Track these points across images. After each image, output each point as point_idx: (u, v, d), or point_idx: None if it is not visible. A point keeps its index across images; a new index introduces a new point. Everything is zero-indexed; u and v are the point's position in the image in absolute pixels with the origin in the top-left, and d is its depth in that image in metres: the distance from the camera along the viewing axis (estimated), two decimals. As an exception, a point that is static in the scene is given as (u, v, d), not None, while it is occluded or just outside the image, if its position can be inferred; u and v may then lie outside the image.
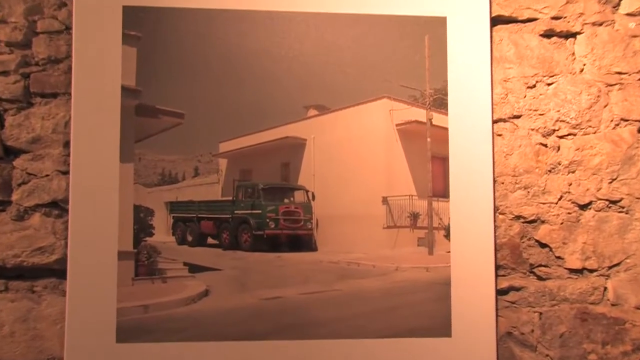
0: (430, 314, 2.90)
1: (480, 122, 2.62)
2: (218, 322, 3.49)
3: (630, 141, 2.49)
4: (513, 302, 2.53)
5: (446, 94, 2.90)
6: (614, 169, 2.50)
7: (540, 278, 2.49)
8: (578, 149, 2.51)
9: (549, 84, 2.53)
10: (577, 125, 2.52)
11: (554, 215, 2.49)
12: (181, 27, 2.66)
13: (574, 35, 2.54)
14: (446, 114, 3.06)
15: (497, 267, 2.60)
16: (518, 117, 2.58)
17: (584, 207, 2.50)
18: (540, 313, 2.46)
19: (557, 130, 2.53)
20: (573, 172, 2.51)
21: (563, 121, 2.52)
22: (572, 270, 2.47)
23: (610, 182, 2.49)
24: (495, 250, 2.59)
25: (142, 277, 8.05)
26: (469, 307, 2.57)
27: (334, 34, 2.90)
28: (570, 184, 2.50)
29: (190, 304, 5.85)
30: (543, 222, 2.51)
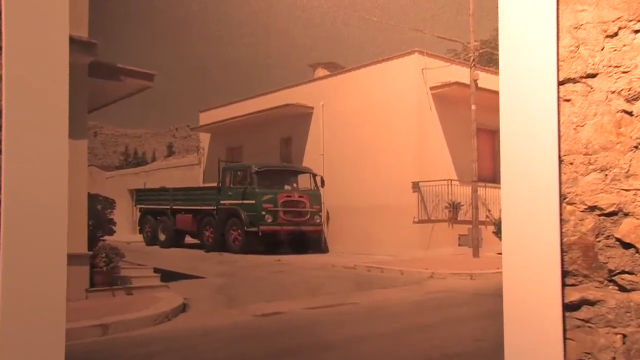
0: (475, 336, 2.87)
1: (542, 83, 2.57)
2: (198, 346, 3.48)
3: None
4: (586, 321, 2.50)
5: (496, 48, 2.85)
6: None
7: (622, 289, 2.47)
8: (672, 119, 2.47)
9: (636, 31, 2.49)
10: (671, 86, 2.48)
11: (640, 205, 2.46)
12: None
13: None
14: (497, 73, 3.03)
15: (565, 274, 2.57)
16: (593, 76, 2.54)
17: (679, 195, 2.47)
18: (624, 335, 2.43)
19: (645, 93, 2.49)
20: (665, 148, 2.48)
21: (652, 81, 2.49)
22: (663, 278, 2.45)
23: None
24: (562, 251, 2.56)
25: (99, 287, 8.08)
26: (527, 327, 2.55)
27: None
28: (662, 165, 2.46)
29: (163, 322, 5.87)
30: (626, 214, 2.48)
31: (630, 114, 2.54)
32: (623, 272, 2.50)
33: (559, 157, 2.50)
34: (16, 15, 2.30)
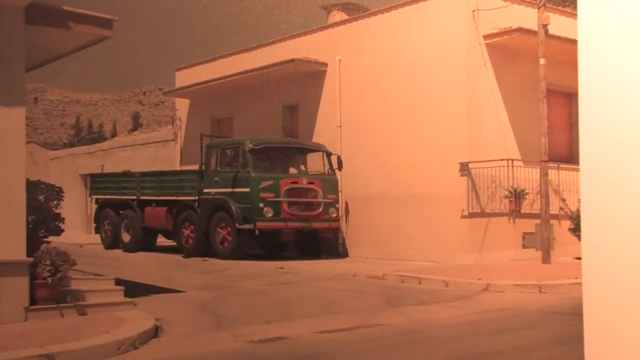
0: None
1: (638, 25, 2.51)
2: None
3: None
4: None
5: (575, -21, 2.82)
6: None
7: None
8: None
9: None
10: None
11: None
12: None
13: None
14: (574, 15, 2.99)
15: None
16: None
17: None
18: None
19: None
20: None
21: None
22: None
23: None
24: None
25: (43, 305, 8.12)
26: (615, 356, 2.53)
27: None
28: None
29: (128, 350, 5.91)
30: None
31: None
32: None
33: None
34: None
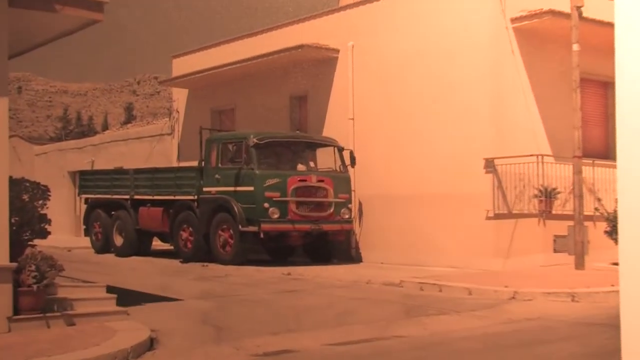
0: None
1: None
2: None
3: None
4: None
5: (611, -43, 2.83)
6: None
7: None
8: None
9: None
10: None
11: None
12: None
13: None
14: (611, -5, 2.99)
15: None
16: None
17: None
18: None
19: None
20: None
21: None
22: None
23: None
24: None
25: (27, 314, 8.17)
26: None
27: None
28: None
29: (121, 365, 5.84)
30: None
31: None
32: None
33: None
34: None
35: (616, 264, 2.61)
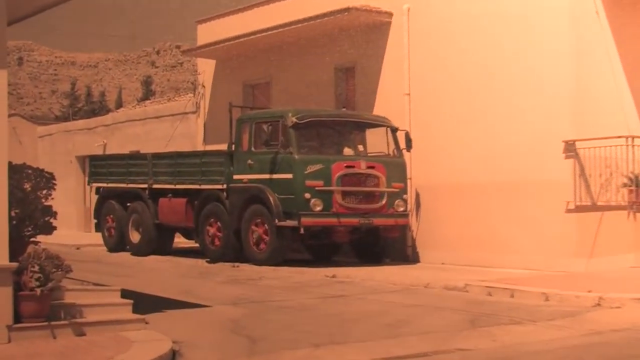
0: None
1: None
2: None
3: None
4: None
5: None
6: None
7: None
8: None
9: None
10: None
11: None
12: None
13: None
14: None
15: None
16: None
17: None
18: None
19: None
20: None
21: None
22: None
23: None
24: None
25: (30, 322, 8.27)
26: None
27: None
28: None
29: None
30: None
31: None
32: None
33: None
34: None
35: None
